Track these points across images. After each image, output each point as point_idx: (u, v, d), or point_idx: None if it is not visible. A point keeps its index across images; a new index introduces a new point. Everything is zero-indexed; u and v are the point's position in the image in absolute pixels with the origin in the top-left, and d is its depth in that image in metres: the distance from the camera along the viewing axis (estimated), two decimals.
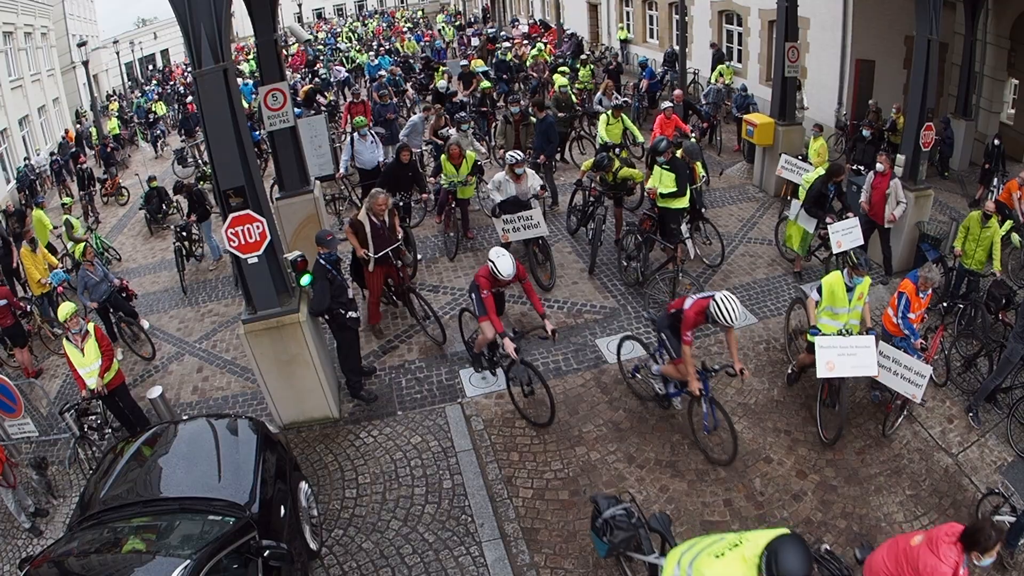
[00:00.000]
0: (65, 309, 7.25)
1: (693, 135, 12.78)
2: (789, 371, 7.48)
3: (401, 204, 9.99)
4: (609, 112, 11.73)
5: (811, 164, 10.46)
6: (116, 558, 4.56)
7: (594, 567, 5.59)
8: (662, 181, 8.99)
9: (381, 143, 13.93)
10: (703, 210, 10.21)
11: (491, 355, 7.46)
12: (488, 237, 10.92)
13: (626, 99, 15.68)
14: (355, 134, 11.54)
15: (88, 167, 16.78)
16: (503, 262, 6.82)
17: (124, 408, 7.51)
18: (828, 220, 8.70)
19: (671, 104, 11.95)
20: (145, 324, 9.72)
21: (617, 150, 11.28)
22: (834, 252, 8.66)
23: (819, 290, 6.70)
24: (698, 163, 9.93)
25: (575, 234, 10.88)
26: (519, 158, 9.35)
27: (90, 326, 7.26)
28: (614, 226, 10.22)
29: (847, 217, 8.77)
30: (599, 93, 14.82)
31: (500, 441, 6.95)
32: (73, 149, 18.37)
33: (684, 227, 9.37)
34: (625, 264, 9.56)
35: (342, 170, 11.63)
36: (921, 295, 6.70)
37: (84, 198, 15.84)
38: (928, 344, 6.78)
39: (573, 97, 14.98)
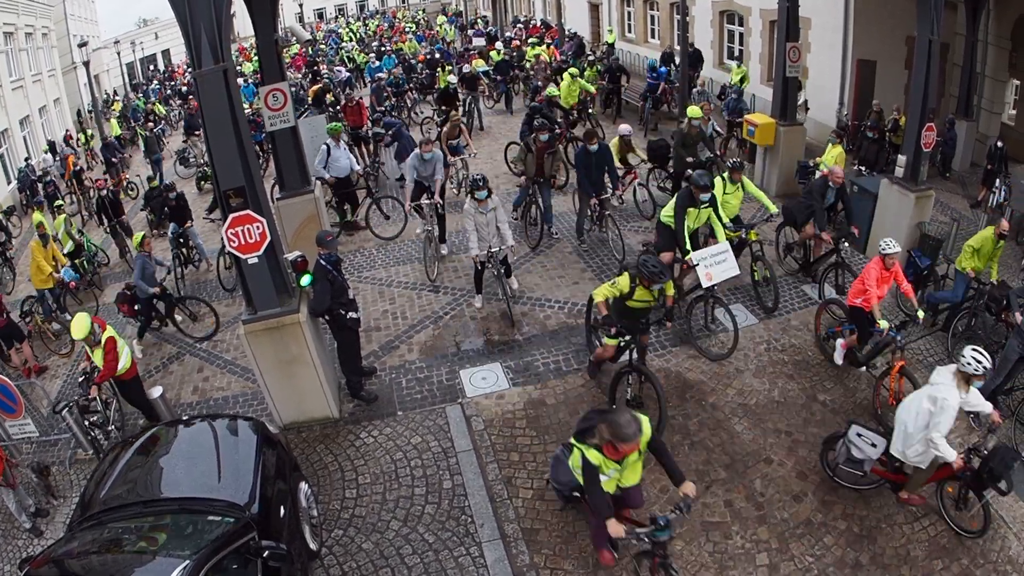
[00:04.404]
0: (79, 329, 7.16)
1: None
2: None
3: None
4: (725, 176, 8.94)
5: None
6: (116, 558, 4.55)
7: (594, 568, 5.59)
8: (698, 218, 8.24)
9: (389, 147, 13.84)
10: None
11: None
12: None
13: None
14: (330, 141, 11.26)
15: (79, 167, 16.78)
16: None
17: (133, 401, 7.59)
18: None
19: (893, 250, 7.01)
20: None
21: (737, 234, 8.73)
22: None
23: None
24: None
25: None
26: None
27: (104, 336, 7.17)
28: None
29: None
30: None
31: (500, 441, 6.94)
32: (66, 153, 18.28)
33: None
34: None
35: (325, 175, 11.18)
36: None
37: (88, 200, 15.87)
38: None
39: (705, 130, 11.63)
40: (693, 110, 11.33)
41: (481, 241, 8.45)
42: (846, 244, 8.70)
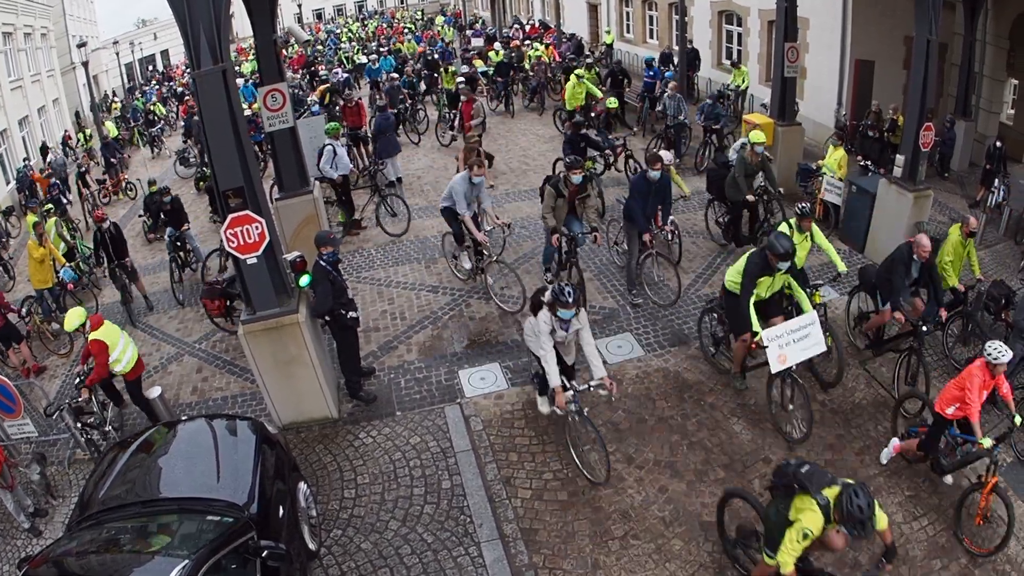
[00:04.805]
0: (71, 321, 7.30)
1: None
2: None
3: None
4: (792, 223, 7.55)
5: (839, 179, 10.28)
6: (115, 558, 4.55)
7: (592, 568, 5.59)
8: (772, 286, 6.87)
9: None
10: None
11: None
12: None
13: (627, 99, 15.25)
14: (335, 141, 11.28)
15: (85, 168, 16.76)
16: None
17: (137, 400, 7.62)
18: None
19: (1004, 360, 5.55)
20: None
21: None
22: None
23: None
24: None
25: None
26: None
27: (90, 337, 7.19)
28: None
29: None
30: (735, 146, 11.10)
31: (499, 441, 6.94)
32: (30, 171, 18.06)
33: None
34: (712, 351, 7.77)
35: (334, 174, 11.22)
36: None
37: (89, 199, 15.86)
38: None
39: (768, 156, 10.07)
40: (756, 135, 9.60)
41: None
42: (924, 329, 6.88)
